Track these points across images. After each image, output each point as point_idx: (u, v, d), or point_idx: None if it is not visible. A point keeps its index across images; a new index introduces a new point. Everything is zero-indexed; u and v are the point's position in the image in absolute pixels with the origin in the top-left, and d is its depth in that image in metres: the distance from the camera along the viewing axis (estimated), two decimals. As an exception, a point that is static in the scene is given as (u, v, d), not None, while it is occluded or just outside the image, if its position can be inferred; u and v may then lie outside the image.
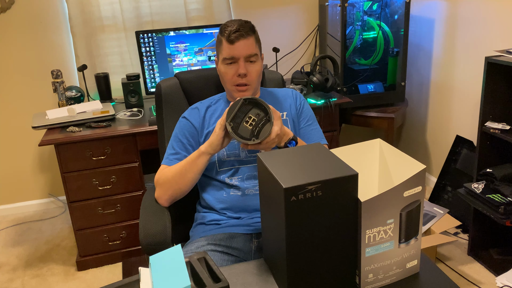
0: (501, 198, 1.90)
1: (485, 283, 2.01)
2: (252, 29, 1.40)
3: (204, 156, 1.31)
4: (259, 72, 1.42)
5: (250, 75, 1.39)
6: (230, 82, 1.41)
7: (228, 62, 1.39)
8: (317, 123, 1.53)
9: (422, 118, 2.92)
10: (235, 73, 1.39)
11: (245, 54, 1.37)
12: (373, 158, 1.08)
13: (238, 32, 1.35)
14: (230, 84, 1.42)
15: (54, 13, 2.60)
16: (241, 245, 1.35)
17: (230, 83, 1.41)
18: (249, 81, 1.39)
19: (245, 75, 1.38)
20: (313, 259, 0.89)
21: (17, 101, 2.70)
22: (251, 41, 1.38)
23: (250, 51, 1.38)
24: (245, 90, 1.41)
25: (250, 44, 1.38)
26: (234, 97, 1.43)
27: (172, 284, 0.83)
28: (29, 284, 2.19)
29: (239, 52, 1.37)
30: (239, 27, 1.36)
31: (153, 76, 2.47)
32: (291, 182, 0.83)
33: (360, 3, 2.54)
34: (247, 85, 1.40)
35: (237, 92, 1.41)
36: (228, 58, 1.38)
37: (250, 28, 1.38)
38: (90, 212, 2.20)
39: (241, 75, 1.38)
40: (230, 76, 1.40)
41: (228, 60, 1.39)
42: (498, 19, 2.19)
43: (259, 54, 1.42)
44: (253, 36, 1.39)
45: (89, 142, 2.10)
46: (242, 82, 1.39)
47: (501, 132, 1.93)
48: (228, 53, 1.38)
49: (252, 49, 1.38)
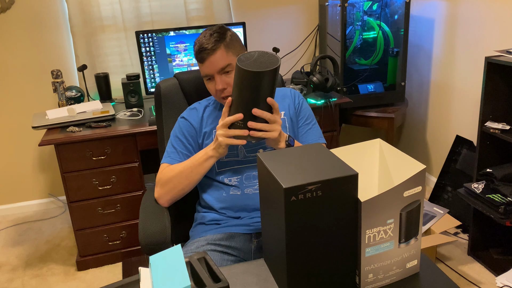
0: (501, 198, 1.90)
1: (485, 283, 2.01)
2: (220, 38, 1.35)
3: (212, 159, 1.31)
4: None
5: (229, 85, 1.38)
6: (215, 96, 1.43)
7: (206, 79, 1.41)
8: (316, 122, 1.52)
9: (422, 118, 2.92)
10: (216, 89, 1.39)
11: (217, 69, 1.36)
12: (373, 158, 1.08)
13: (204, 52, 1.34)
14: (217, 98, 1.44)
15: (54, 13, 2.60)
16: (241, 245, 1.35)
17: (216, 97, 1.43)
18: (230, 92, 1.39)
19: (224, 89, 1.38)
20: (313, 259, 0.89)
21: (17, 101, 2.70)
22: (219, 53, 1.35)
23: (221, 65, 1.35)
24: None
25: (219, 58, 1.35)
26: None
27: (172, 284, 0.83)
28: (29, 284, 2.19)
29: (210, 70, 1.36)
30: (202, 45, 1.34)
31: (153, 76, 2.47)
32: (291, 182, 0.83)
33: (360, 3, 2.54)
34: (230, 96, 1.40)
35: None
36: (204, 76, 1.41)
37: (216, 40, 1.34)
38: (90, 212, 2.20)
39: (220, 90, 1.38)
40: (213, 92, 1.42)
41: (206, 77, 1.41)
42: (498, 19, 2.19)
43: (234, 61, 1.38)
44: (221, 47, 1.34)
45: (89, 142, 2.10)
46: (224, 95, 1.39)
47: (501, 132, 1.93)
48: (203, 72, 1.39)
49: (222, 61, 1.35)
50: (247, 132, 1.19)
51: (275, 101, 1.20)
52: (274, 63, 1.14)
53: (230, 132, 1.21)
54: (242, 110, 1.18)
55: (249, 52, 1.18)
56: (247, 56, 1.17)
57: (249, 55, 1.17)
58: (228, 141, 1.22)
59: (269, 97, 1.18)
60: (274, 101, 1.19)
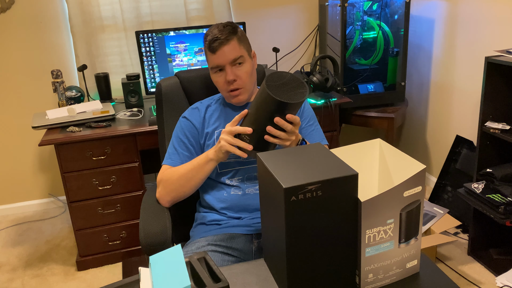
0: (501, 198, 1.90)
1: (485, 283, 2.01)
2: (233, 31, 1.36)
3: (212, 162, 1.31)
4: (249, 72, 1.40)
5: (239, 78, 1.38)
6: (222, 89, 1.41)
7: (215, 71, 1.39)
8: (318, 123, 1.53)
9: (422, 118, 2.92)
10: (225, 81, 1.38)
11: (229, 60, 1.35)
12: (373, 158, 1.08)
13: (218, 40, 1.33)
14: (223, 92, 1.42)
15: (54, 13, 2.60)
16: (241, 246, 1.35)
17: (223, 91, 1.41)
18: (240, 85, 1.38)
19: (234, 81, 1.37)
20: (313, 259, 0.89)
21: (17, 101, 2.70)
22: (232, 44, 1.35)
23: (234, 55, 1.35)
24: (239, 94, 1.40)
25: (232, 49, 1.35)
26: (231, 103, 1.44)
27: (172, 284, 0.83)
28: (29, 284, 2.19)
29: (222, 60, 1.35)
30: (217, 35, 1.34)
31: (153, 76, 2.47)
32: (291, 182, 0.83)
33: (360, 3, 2.54)
34: (239, 89, 1.39)
35: (232, 98, 1.41)
36: (214, 67, 1.39)
37: (229, 32, 1.35)
38: (90, 212, 2.20)
39: (230, 82, 1.37)
40: (221, 84, 1.40)
41: (215, 69, 1.39)
42: (498, 19, 2.19)
43: (246, 54, 1.39)
44: (234, 38, 1.36)
45: (89, 142, 2.10)
46: (233, 87, 1.38)
47: (501, 132, 1.93)
48: (213, 63, 1.37)
49: (235, 52, 1.36)
50: (251, 147, 1.18)
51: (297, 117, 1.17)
52: (300, 96, 1.12)
53: (234, 141, 1.19)
54: (253, 127, 1.17)
55: (281, 73, 1.16)
56: (278, 76, 1.14)
57: (280, 76, 1.14)
58: (230, 148, 1.20)
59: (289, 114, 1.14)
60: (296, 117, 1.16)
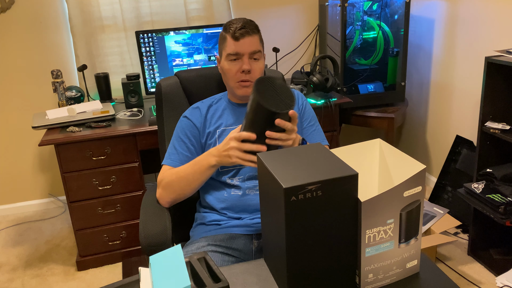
0: (501, 198, 1.90)
1: (485, 283, 2.01)
2: (257, 28, 1.42)
3: (214, 168, 1.30)
4: (262, 70, 1.43)
5: (253, 72, 1.40)
6: (233, 78, 1.41)
7: (232, 58, 1.39)
8: (319, 123, 1.53)
9: (422, 118, 2.92)
10: (239, 70, 1.39)
11: (250, 50, 1.38)
12: (373, 158, 1.08)
13: (244, 29, 1.37)
14: (233, 81, 1.41)
15: (54, 13, 2.60)
16: (241, 246, 1.35)
17: (234, 80, 1.41)
18: (252, 78, 1.40)
19: (249, 72, 1.39)
20: (313, 259, 0.89)
21: (17, 101, 2.70)
22: (256, 38, 1.40)
23: (254, 48, 1.39)
24: (248, 86, 1.41)
25: (255, 41, 1.39)
26: (237, 94, 1.43)
27: (172, 284, 0.83)
28: (29, 284, 2.19)
29: (244, 49, 1.37)
30: (244, 24, 1.37)
31: (153, 76, 2.47)
32: (291, 182, 0.83)
33: (360, 3, 2.54)
34: (250, 81, 1.40)
35: (241, 88, 1.41)
36: (232, 54, 1.38)
37: (255, 27, 1.41)
38: (90, 212, 2.20)
39: (245, 71, 1.38)
40: (233, 73, 1.40)
41: (233, 56, 1.39)
42: (498, 19, 2.19)
43: (262, 52, 1.44)
44: (257, 34, 1.41)
45: (89, 142, 2.10)
46: (245, 78, 1.39)
47: (501, 132, 1.93)
48: (233, 49, 1.38)
49: (256, 46, 1.40)
50: (265, 148, 1.16)
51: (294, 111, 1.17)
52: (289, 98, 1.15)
53: (244, 146, 1.17)
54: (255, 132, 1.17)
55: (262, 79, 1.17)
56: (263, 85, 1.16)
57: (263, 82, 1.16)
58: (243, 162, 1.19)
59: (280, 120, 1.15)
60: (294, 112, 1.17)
